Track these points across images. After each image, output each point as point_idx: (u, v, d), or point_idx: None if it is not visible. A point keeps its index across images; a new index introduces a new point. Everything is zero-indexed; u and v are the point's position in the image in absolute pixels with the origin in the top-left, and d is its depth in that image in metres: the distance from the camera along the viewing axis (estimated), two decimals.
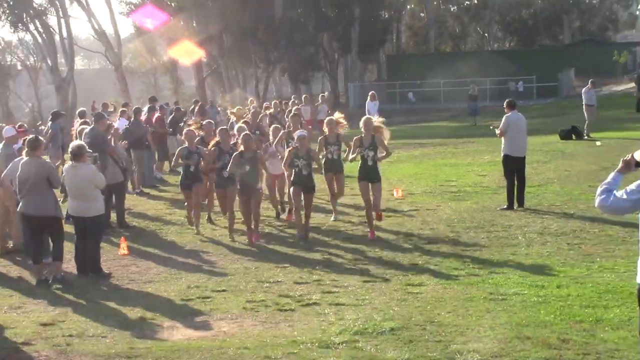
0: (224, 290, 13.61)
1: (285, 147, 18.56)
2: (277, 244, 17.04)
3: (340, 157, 18.63)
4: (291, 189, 17.36)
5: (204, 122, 20.72)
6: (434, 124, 50.36)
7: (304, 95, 37.70)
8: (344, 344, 10.57)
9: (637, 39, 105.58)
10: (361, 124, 17.16)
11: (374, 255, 15.38)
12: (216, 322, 11.96)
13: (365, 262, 15.15)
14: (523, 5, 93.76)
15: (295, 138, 17.20)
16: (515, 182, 19.51)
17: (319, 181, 18.94)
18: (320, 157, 18.30)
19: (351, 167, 19.18)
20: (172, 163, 19.37)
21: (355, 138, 17.25)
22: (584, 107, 35.49)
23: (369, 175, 17.05)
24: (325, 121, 19.31)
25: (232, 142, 18.11)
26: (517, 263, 14.43)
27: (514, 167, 19.56)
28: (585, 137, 33.75)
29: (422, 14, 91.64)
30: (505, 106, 20.29)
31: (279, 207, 19.95)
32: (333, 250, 16.27)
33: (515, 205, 19.33)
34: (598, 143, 31.60)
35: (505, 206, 19.41)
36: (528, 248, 15.58)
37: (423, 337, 10.71)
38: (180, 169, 18.71)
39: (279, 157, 18.61)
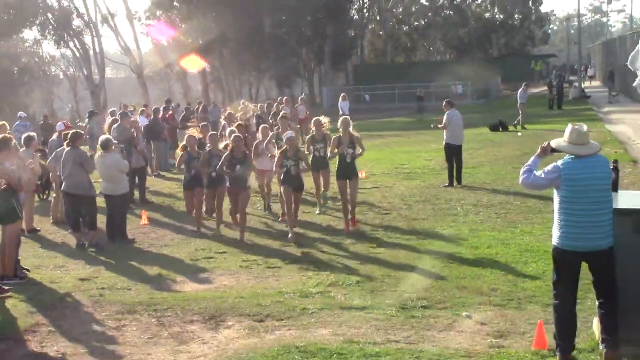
0: (224, 252, 13.59)
1: (275, 148, 16.07)
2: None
3: (325, 155, 16.02)
4: (281, 187, 14.84)
5: (202, 124, 19.02)
6: (390, 120, 50.24)
7: (284, 98, 37.37)
8: (320, 294, 10.60)
9: (549, 52, 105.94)
10: (339, 124, 15.03)
11: (343, 224, 15.34)
12: (218, 277, 11.96)
13: (337, 229, 15.12)
14: (460, 25, 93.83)
15: (284, 139, 14.88)
16: (454, 165, 19.56)
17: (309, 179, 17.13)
18: (307, 153, 16.16)
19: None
20: (176, 164, 16.98)
21: (333, 137, 15.14)
22: (518, 104, 35.42)
23: (347, 172, 14.88)
24: (312, 121, 16.96)
25: (223, 144, 15.72)
26: (456, 229, 14.44)
27: (453, 153, 19.59)
28: (521, 129, 33.58)
29: (380, 32, 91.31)
30: (444, 105, 20.28)
31: (266, 201, 17.47)
32: (312, 227, 16.25)
33: (455, 183, 19.35)
34: (519, 134, 31.71)
35: (446, 184, 19.41)
36: (465, 217, 15.60)
37: (382, 288, 10.74)
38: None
39: (268, 155, 16.22)
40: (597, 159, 7.44)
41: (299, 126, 29.00)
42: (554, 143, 7.62)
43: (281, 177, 14.70)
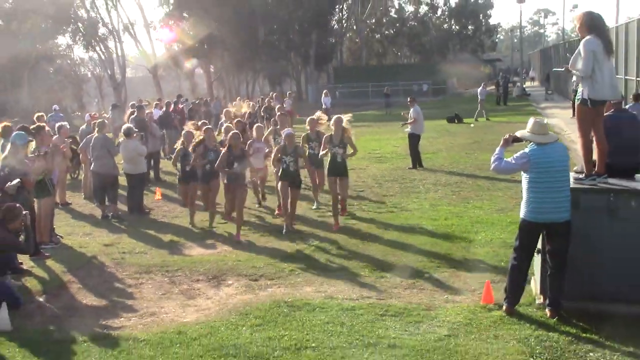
0: (225, 223, 13.52)
1: (273, 144, 14.34)
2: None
3: (319, 153, 13.52)
4: (279, 183, 12.67)
5: (201, 122, 17.07)
6: (364, 113, 50.06)
7: (274, 93, 37.06)
8: (304, 258, 10.59)
9: (496, 57, 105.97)
10: (331, 123, 12.93)
11: (323, 200, 15.26)
12: (220, 244, 11.91)
13: (317, 205, 15.07)
14: (422, 35, 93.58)
15: (283, 136, 12.70)
16: (418, 150, 19.55)
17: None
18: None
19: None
20: (172, 161, 14.42)
21: (325, 136, 13.11)
22: (478, 100, 35.27)
23: (337, 170, 12.79)
24: (307, 120, 14.52)
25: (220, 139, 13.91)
26: (419, 204, 14.44)
27: (416, 141, 19.59)
28: (477, 120, 33.36)
29: (356, 40, 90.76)
30: (410, 101, 20.28)
31: (260, 195, 15.13)
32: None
33: (417, 166, 19.36)
34: (472, 125, 31.71)
35: (411, 166, 19.42)
36: (426, 194, 15.60)
37: (358, 254, 10.73)
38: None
39: (265, 151, 13.81)
40: (556, 145, 7.51)
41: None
42: (519, 134, 7.68)
43: (279, 173, 12.75)
